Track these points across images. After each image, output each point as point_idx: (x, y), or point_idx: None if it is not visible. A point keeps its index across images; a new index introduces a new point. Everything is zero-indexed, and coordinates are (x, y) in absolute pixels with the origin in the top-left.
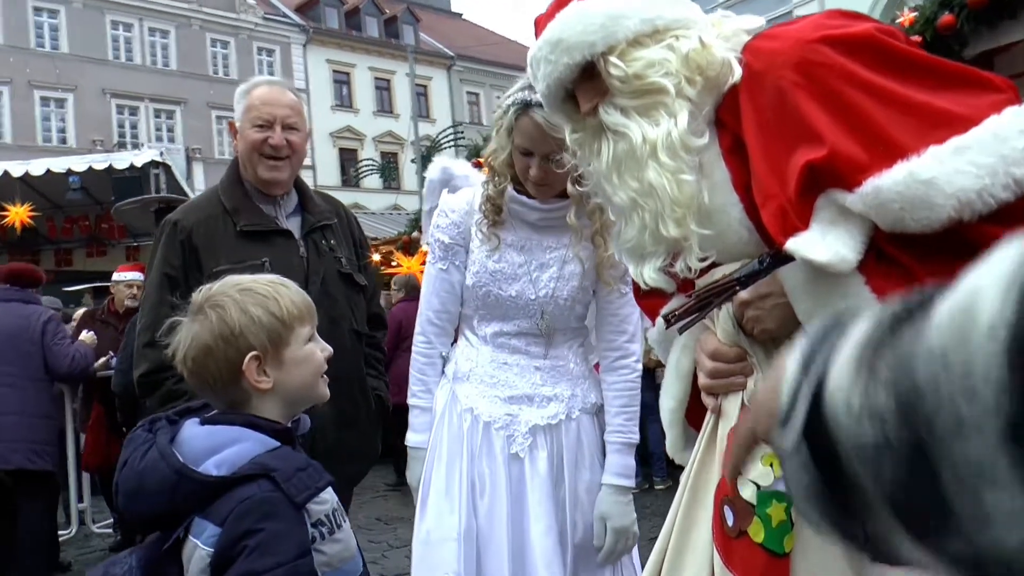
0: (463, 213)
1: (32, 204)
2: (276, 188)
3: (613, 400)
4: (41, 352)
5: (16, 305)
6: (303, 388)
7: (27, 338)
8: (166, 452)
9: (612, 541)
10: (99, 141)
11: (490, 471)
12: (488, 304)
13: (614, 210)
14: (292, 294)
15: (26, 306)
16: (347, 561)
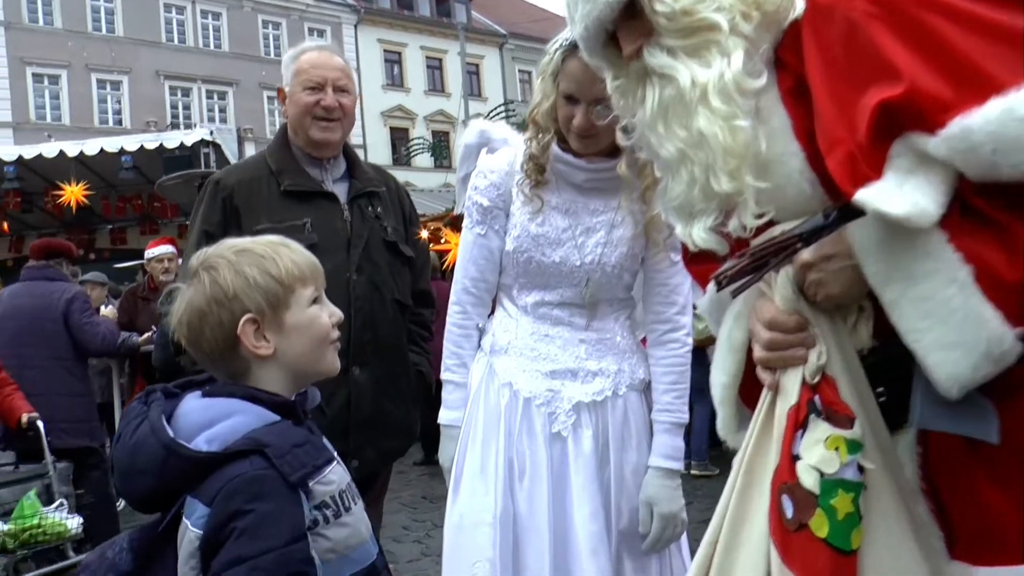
0: (503, 174)
1: (87, 183)
2: (327, 150)
3: (662, 376)
4: (64, 331)
5: (38, 284)
6: (307, 356)
7: (48, 317)
8: (156, 426)
9: (659, 528)
10: (153, 122)
11: (530, 451)
12: (529, 271)
13: (660, 164)
14: (293, 254)
15: (49, 284)
16: (355, 548)
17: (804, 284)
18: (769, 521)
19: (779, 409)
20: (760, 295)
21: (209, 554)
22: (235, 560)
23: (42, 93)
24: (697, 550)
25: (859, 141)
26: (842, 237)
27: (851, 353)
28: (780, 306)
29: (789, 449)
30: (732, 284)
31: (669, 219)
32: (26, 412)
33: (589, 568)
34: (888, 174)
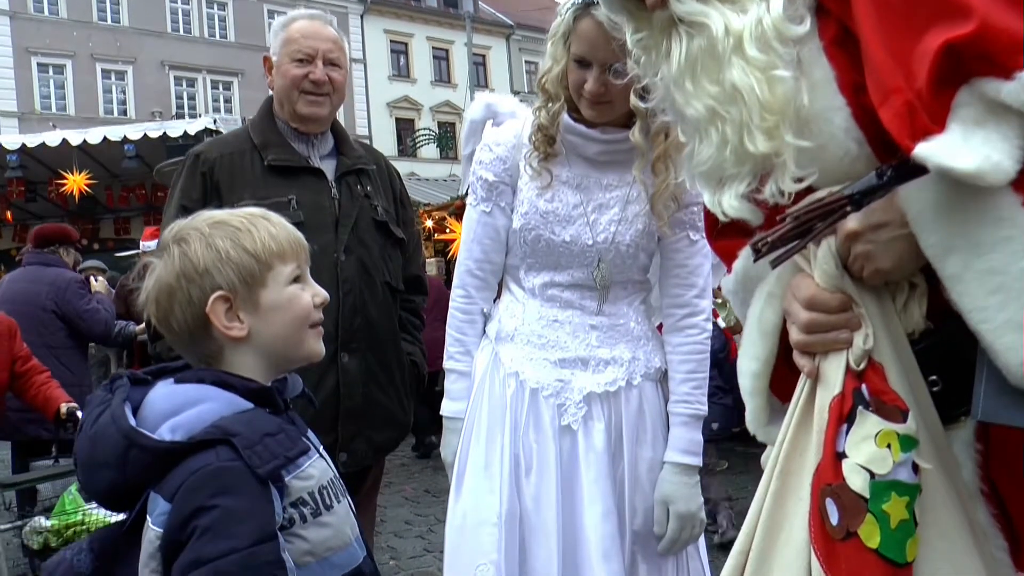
0: (510, 147)
1: (89, 172)
2: (315, 125)
3: (679, 365)
4: (56, 319)
5: (35, 269)
6: (285, 339)
7: (40, 304)
8: (117, 413)
9: (676, 528)
10: (158, 112)
11: (538, 445)
12: (538, 251)
13: (686, 127)
14: (273, 227)
15: (44, 270)
16: (338, 551)
17: (849, 258)
18: (809, 528)
19: (819, 400)
20: (797, 271)
21: (170, 555)
22: (195, 562)
23: (47, 83)
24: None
25: (918, 89)
26: (894, 203)
27: (901, 336)
28: (821, 283)
29: (833, 446)
30: (772, 252)
31: (697, 187)
32: (64, 402)
33: (600, 572)
34: (952, 126)
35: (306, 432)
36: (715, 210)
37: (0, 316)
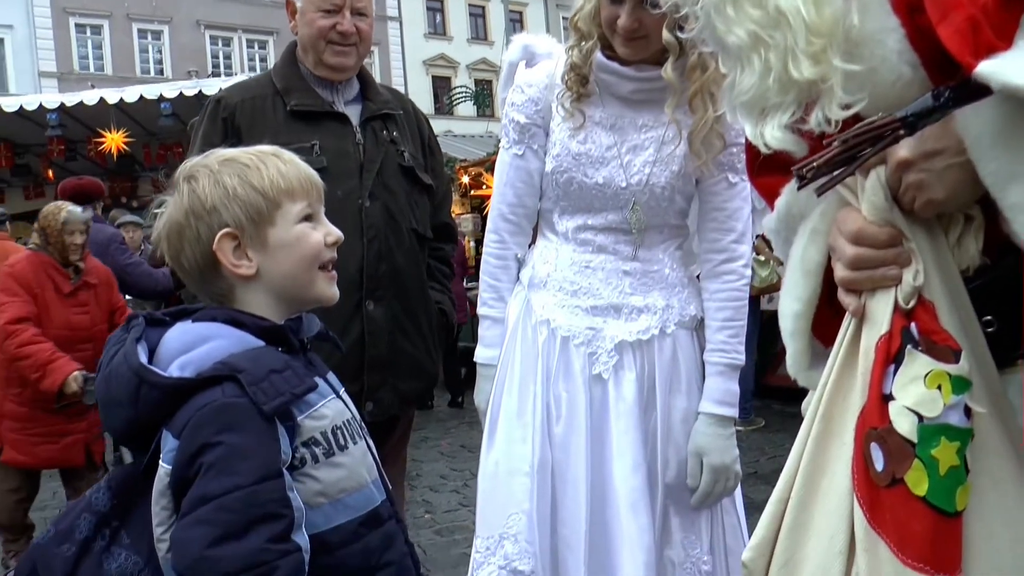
0: (542, 88)
1: (127, 131)
2: (341, 74)
3: (716, 312)
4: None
5: None
6: (294, 278)
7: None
8: (129, 352)
9: (709, 481)
10: (194, 72)
11: (568, 395)
12: (570, 194)
13: (727, 56)
14: (283, 164)
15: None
16: (351, 492)
17: (899, 189)
18: (853, 474)
19: (865, 340)
20: (843, 205)
21: (180, 492)
22: (201, 498)
23: (85, 43)
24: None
25: (984, 3)
26: (950, 128)
27: (954, 273)
28: (868, 216)
29: (879, 388)
30: (818, 178)
31: (738, 118)
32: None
33: (628, 525)
34: (1020, 42)
35: (325, 373)
36: (757, 142)
37: (99, 266)
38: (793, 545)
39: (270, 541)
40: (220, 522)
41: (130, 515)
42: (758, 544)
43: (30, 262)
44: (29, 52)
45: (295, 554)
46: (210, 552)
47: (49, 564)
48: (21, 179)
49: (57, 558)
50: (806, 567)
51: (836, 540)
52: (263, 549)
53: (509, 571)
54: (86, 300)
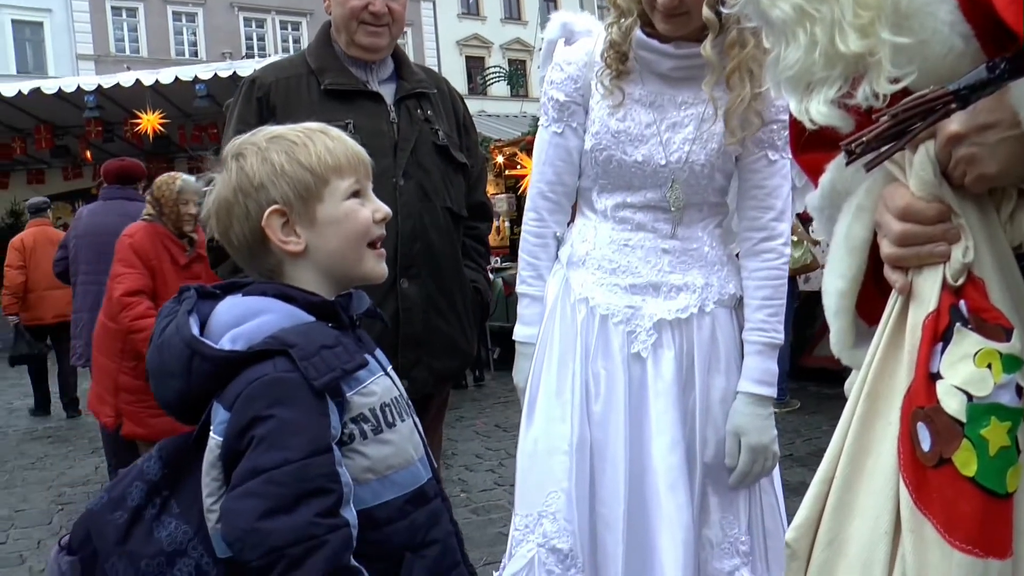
0: (581, 65)
1: (163, 112)
2: (374, 55)
3: (755, 291)
4: None
5: (120, 203)
6: (343, 255)
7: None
8: (181, 323)
9: (747, 461)
10: (228, 54)
11: (606, 373)
12: (609, 172)
13: (771, 31)
14: (331, 141)
15: (129, 203)
16: (398, 469)
17: (950, 163)
18: (898, 454)
19: (912, 318)
20: (890, 181)
21: (230, 464)
22: (251, 471)
23: (120, 26)
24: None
25: None
26: (1004, 101)
27: (1005, 249)
28: (917, 192)
29: (926, 366)
30: (867, 153)
31: (782, 93)
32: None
33: (667, 504)
34: None
35: (373, 350)
36: (802, 118)
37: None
38: (837, 525)
39: (319, 515)
40: (270, 495)
41: (180, 485)
42: (801, 524)
43: (147, 233)
44: (67, 35)
45: (344, 529)
46: (260, 524)
47: (102, 530)
48: (60, 160)
49: (109, 525)
50: (851, 547)
51: (881, 520)
52: (312, 523)
53: (548, 549)
54: (199, 272)
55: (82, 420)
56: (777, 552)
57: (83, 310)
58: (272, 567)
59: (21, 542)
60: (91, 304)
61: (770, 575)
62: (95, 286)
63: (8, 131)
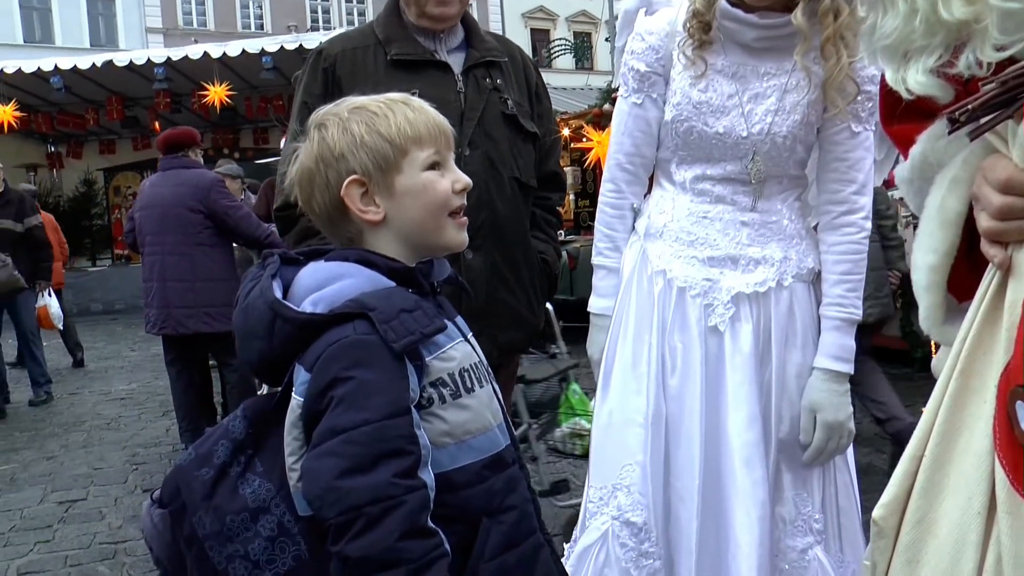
0: (663, 35)
1: (229, 84)
2: (443, 24)
3: (833, 265)
4: (203, 217)
5: (175, 173)
6: (421, 225)
7: (186, 204)
8: (265, 287)
9: (822, 438)
10: (293, 26)
11: (683, 346)
12: (690, 143)
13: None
14: (412, 112)
15: (184, 172)
16: (475, 435)
17: None
18: (994, 434)
19: (1011, 294)
20: (990, 153)
21: (310, 424)
22: (331, 431)
23: (188, 0)
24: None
25: None
26: None
27: None
28: (1020, 163)
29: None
30: (972, 122)
31: (878, 62)
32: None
33: (743, 480)
34: None
35: (454, 316)
36: (898, 88)
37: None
38: (927, 504)
39: (397, 476)
40: (348, 455)
41: (263, 444)
42: (889, 502)
43: None
44: (137, 9)
45: (421, 491)
46: (338, 483)
47: (190, 485)
48: (130, 131)
49: (197, 480)
50: (941, 527)
51: (974, 501)
52: (390, 483)
53: (622, 522)
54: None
55: (152, 384)
56: (851, 531)
57: (152, 280)
58: (350, 525)
59: (100, 499)
60: (159, 274)
61: (843, 555)
62: (160, 256)
63: (81, 102)
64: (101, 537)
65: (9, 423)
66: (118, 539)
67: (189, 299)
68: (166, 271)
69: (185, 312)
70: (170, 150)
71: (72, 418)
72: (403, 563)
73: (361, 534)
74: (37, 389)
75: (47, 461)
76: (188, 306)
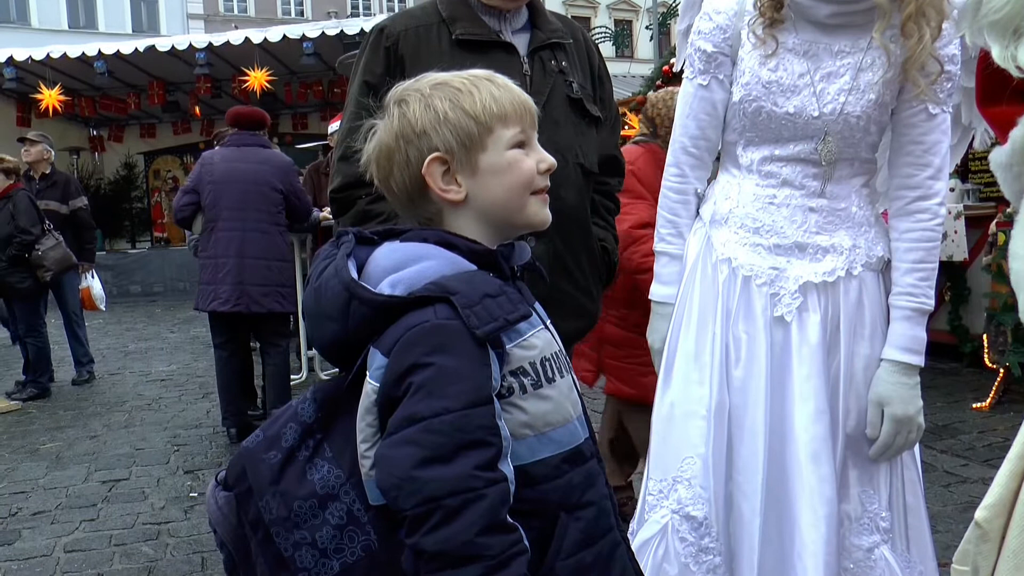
0: (731, 15)
1: (270, 69)
2: (509, 3)
3: (905, 254)
4: (282, 199)
5: (256, 151)
6: (505, 204)
7: (270, 183)
8: (340, 266)
9: (890, 432)
10: (333, 13)
11: (748, 336)
12: (758, 124)
13: None
14: (496, 88)
15: (264, 150)
16: (556, 427)
17: None
18: None
19: None
20: None
21: (386, 410)
22: (409, 419)
23: None
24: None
25: None
26: None
27: None
28: None
29: None
30: None
31: (984, 40)
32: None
33: (809, 476)
34: None
35: (534, 303)
36: (1006, 65)
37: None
38: None
39: (478, 468)
40: (428, 444)
41: (333, 429)
42: (995, 503)
43: (648, 158)
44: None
45: (502, 484)
46: (417, 472)
47: (256, 468)
48: (171, 115)
49: (264, 463)
50: None
51: None
52: (471, 476)
53: (682, 516)
54: None
55: (192, 366)
56: (918, 531)
57: (228, 255)
58: (427, 517)
59: (143, 479)
60: (237, 250)
61: (910, 554)
62: (239, 232)
63: (124, 87)
64: (144, 517)
65: (54, 402)
66: (161, 520)
67: (267, 277)
68: (245, 247)
69: (261, 290)
70: (246, 127)
71: (114, 398)
72: (482, 559)
73: (439, 527)
74: (80, 369)
75: (91, 440)
76: (265, 284)
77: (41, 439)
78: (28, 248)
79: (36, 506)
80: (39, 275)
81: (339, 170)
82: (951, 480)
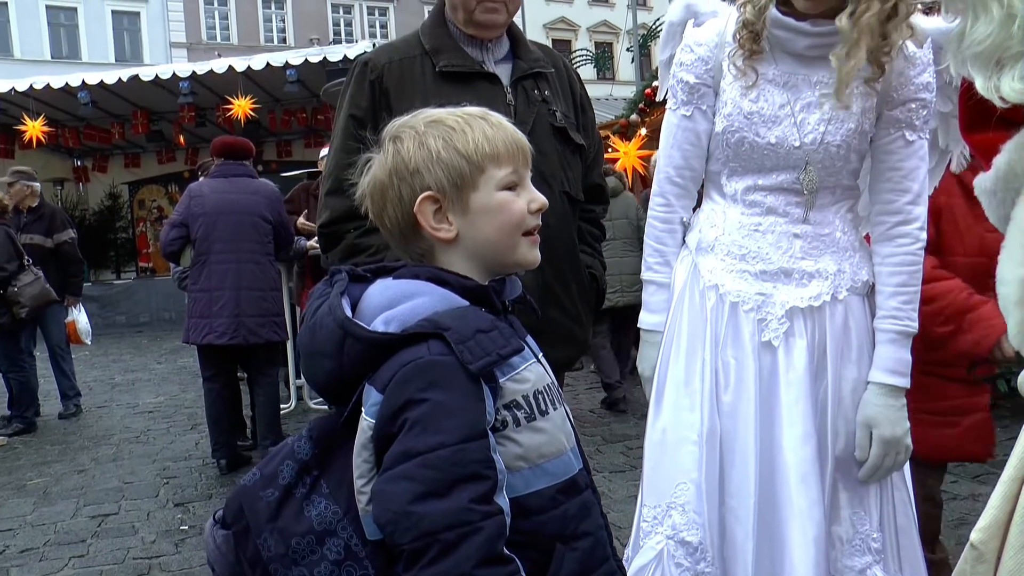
0: (712, 47)
1: (253, 97)
2: (490, 32)
3: (888, 278)
4: (271, 228)
5: (245, 181)
6: (495, 244)
7: (262, 215)
8: (334, 304)
9: (879, 454)
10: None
11: (736, 362)
12: (741, 154)
13: (953, 4)
14: (490, 128)
15: (253, 180)
16: (550, 458)
17: None
18: None
19: None
20: None
21: (382, 446)
22: (405, 454)
23: (212, 14)
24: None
25: None
26: None
27: None
28: None
29: None
30: None
31: (967, 71)
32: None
33: (799, 499)
34: None
35: (525, 336)
36: (990, 96)
37: None
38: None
39: (473, 502)
40: (424, 479)
41: (329, 465)
42: (989, 525)
43: None
44: (162, 24)
45: (498, 516)
46: (413, 507)
47: (254, 506)
48: (155, 144)
49: (261, 501)
50: None
51: None
52: (467, 509)
53: (677, 541)
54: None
55: (180, 397)
56: (910, 550)
57: (223, 288)
58: (424, 552)
59: (132, 513)
60: (232, 282)
61: (903, 574)
62: (234, 264)
63: (107, 117)
64: (135, 552)
65: (40, 436)
66: (152, 554)
67: (262, 307)
68: (241, 279)
69: (258, 321)
70: (232, 157)
71: (101, 431)
72: None
73: (436, 561)
74: (66, 402)
75: (78, 475)
76: (261, 314)
77: (28, 474)
78: (3, 284)
79: (24, 543)
80: (15, 312)
81: (327, 204)
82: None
